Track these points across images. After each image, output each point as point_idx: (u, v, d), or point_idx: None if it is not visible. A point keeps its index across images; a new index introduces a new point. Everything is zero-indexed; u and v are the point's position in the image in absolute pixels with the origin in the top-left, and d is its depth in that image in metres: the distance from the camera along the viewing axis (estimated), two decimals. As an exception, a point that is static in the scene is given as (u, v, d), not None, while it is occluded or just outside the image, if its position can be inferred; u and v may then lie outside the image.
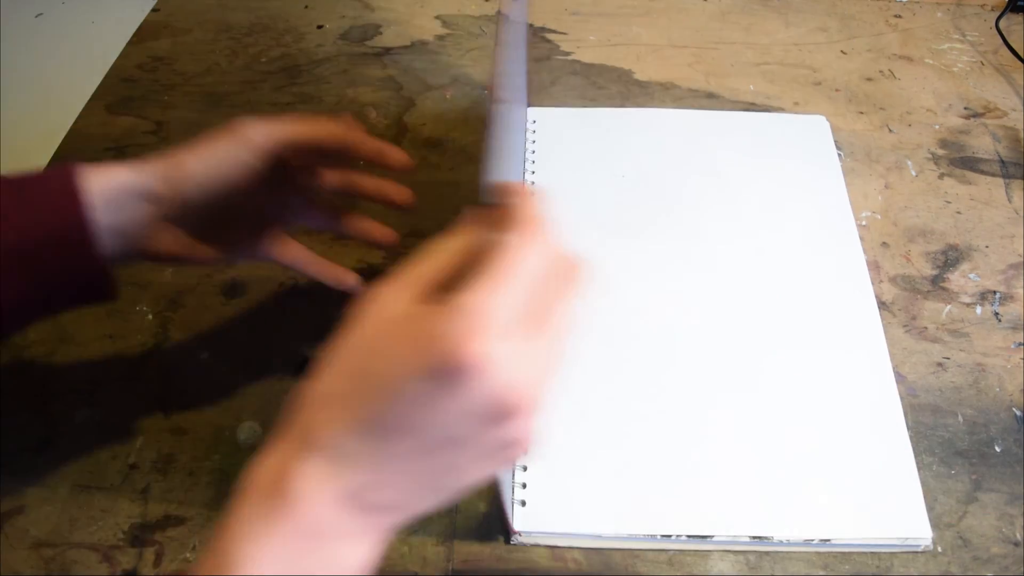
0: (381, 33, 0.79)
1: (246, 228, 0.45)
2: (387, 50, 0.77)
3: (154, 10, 0.82)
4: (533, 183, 0.65)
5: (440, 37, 0.79)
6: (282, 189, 0.44)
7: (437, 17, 0.81)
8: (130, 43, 0.79)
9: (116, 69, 0.76)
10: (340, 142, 0.43)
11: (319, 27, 0.80)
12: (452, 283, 0.26)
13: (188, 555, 0.48)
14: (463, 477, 0.28)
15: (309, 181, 0.46)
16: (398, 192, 0.46)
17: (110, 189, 0.39)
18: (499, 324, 0.25)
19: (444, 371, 0.24)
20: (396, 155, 0.44)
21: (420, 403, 0.25)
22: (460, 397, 0.25)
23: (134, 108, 0.73)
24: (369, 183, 0.47)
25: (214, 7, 0.82)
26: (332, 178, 0.47)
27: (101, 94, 0.74)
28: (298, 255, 0.49)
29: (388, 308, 0.26)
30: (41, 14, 0.83)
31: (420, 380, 0.25)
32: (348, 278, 0.49)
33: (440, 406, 0.25)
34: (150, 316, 0.58)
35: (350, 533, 0.27)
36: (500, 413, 0.26)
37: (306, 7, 0.82)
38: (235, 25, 0.80)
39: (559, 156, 0.66)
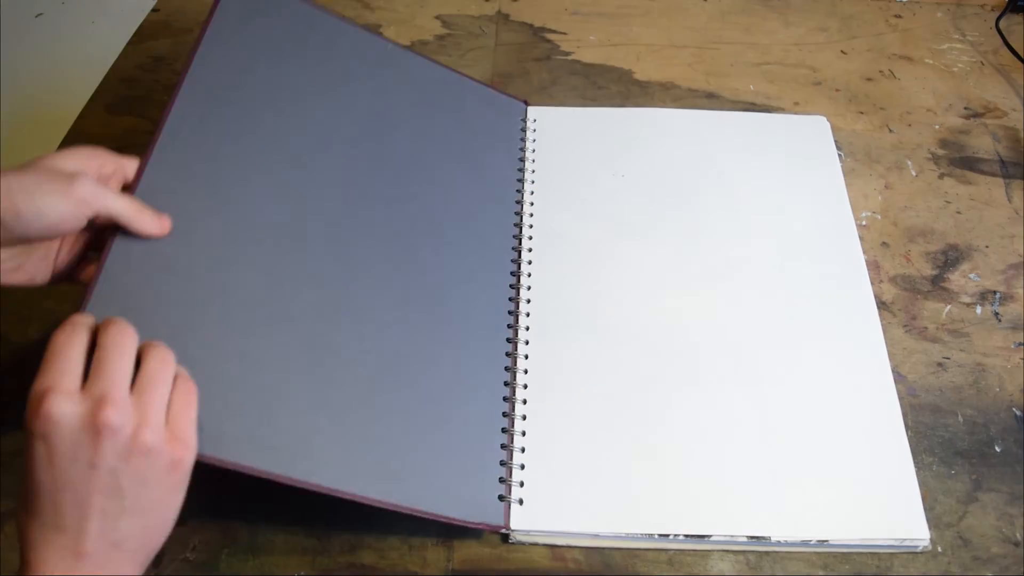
0: (381, 33, 0.79)
1: (49, 260, 0.45)
2: (387, 50, 0.77)
3: (154, 10, 0.82)
4: (533, 182, 0.65)
5: (440, 37, 0.79)
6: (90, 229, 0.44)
7: (437, 17, 0.81)
8: (130, 43, 0.79)
9: (116, 69, 0.76)
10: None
11: (319, 27, 0.80)
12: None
13: (188, 555, 0.48)
14: (138, 496, 0.36)
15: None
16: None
17: None
18: (55, 389, 0.36)
19: (33, 436, 0.35)
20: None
21: (41, 465, 0.35)
22: (53, 445, 0.35)
23: (134, 108, 0.73)
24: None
25: (214, 7, 0.82)
26: None
27: (101, 94, 0.74)
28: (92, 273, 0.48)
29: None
30: (41, 14, 0.83)
31: (30, 450, 0.36)
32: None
33: (54, 459, 0.35)
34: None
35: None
36: (89, 439, 0.35)
37: (306, 7, 0.82)
38: (235, 25, 0.80)
39: (558, 156, 0.66)
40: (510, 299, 0.58)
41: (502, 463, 0.50)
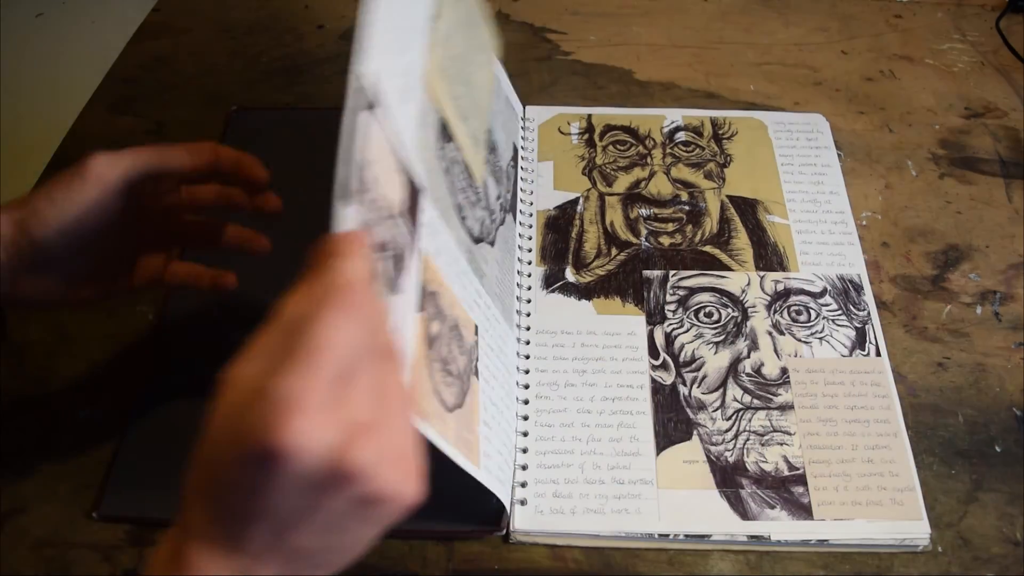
0: (381, 33, 0.79)
1: (120, 261, 0.45)
2: (387, 50, 0.77)
3: (154, 10, 0.82)
4: (533, 182, 0.65)
5: (440, 37, 0.79)
6: (146, 217, 0.44)
7: (437, 17, 0.81)
8: (130, 43, 0.79)
9: (116, 69, 0.76)
10: (192, 161, 0.43)
11: (319, 27, 0.80)
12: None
13: (188, 555, 0.48)
14: (336, 545, 0.30)
15: (174, 203, 0.46)
16: (267, 200, 0.46)
17: None
18: (306, 406, 0.25)
19: (261, 459, 0.25)
20: (254, 167, 0.45)
21: (253, 490, 0.27)
22: (285, 478, 0.26)
23: (134, 108, 0.73)
24: (239, 194, 0.46)
25: (214, 7, 0.82)
26: (204, 195, 0.47)
27: (101, 94, 0.74)
28: (186, 273, 0.48)
29: (234, 391, 0.27)
30: (41, 14, 0.83)
31: (244, 469, 0.26)
32: (229, 279, 0.49)
33: (272, 489, 0.26)
34: (150, 316, 0.58)
35: None
36: (331, 482, 0.27)
37: (306, 7, 0.82)
38: (235, 25, 0.80)
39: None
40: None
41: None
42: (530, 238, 0.61)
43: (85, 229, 0.40)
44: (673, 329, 0.56)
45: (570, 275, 0.59)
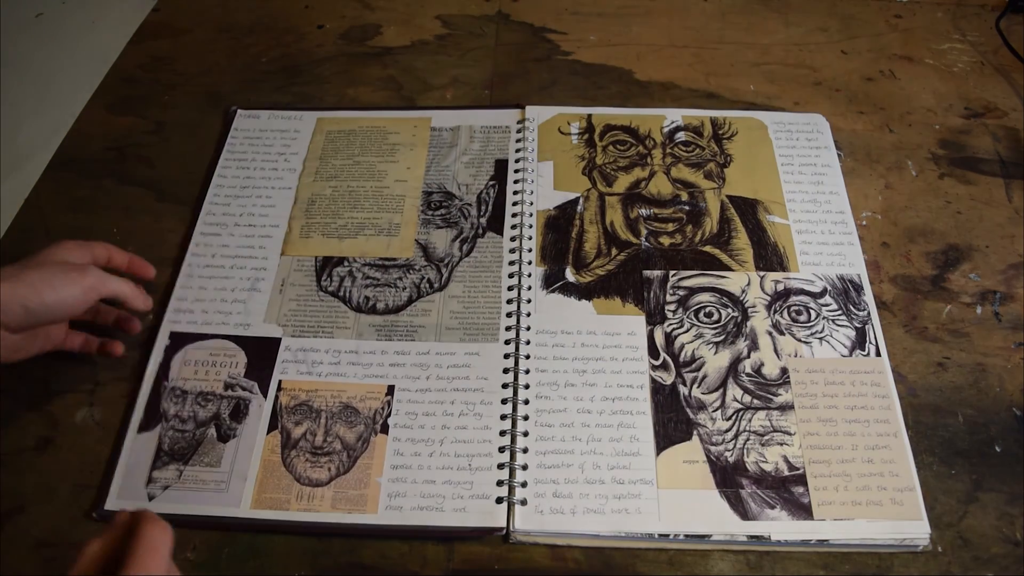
0: (381, 33, 0.79)
1: (54, 331, 0.54)
2: (387, 50, 0.77)
3: (154, 10, 0.82)
4: (534, 182, 0.65)
5: (440, 37, 0.79)
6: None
7: (437, 17, 0.81)
8: (130, 43, 0.79)
9: (116, 69, 0.76)
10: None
11: (319, 27, 0.80)
12: None
13: (189, 555, 0.48)
14: None
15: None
16: (144, 267, 0.57)
17: None
18: None
19: None
20: (145, 268, 0.57)
21: None
22: None
23: (134, 108, 0.73)
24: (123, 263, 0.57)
25: (214, 7, 0.82)
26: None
27: (101, 94, 0.74)
28: (81, 342, 0.56)
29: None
30: (41, 14, 0.83)
31: None
32: (116, 347, 0.56)
33: None
34: (150, 316, 0.58)
35: None
36: None
37: (306, 7, 0.82)
38: (235, 25, 0.80)
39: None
40: (509, 301, 0.58)
41: (501, 466, 0.50)
42: (530, 238, 0.61)
43: (59, 318, 0.50)
44: (673, 329, 0.56)
45: (570, 275, 0.59)
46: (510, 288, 0.59)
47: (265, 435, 0.52)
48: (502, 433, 0.52)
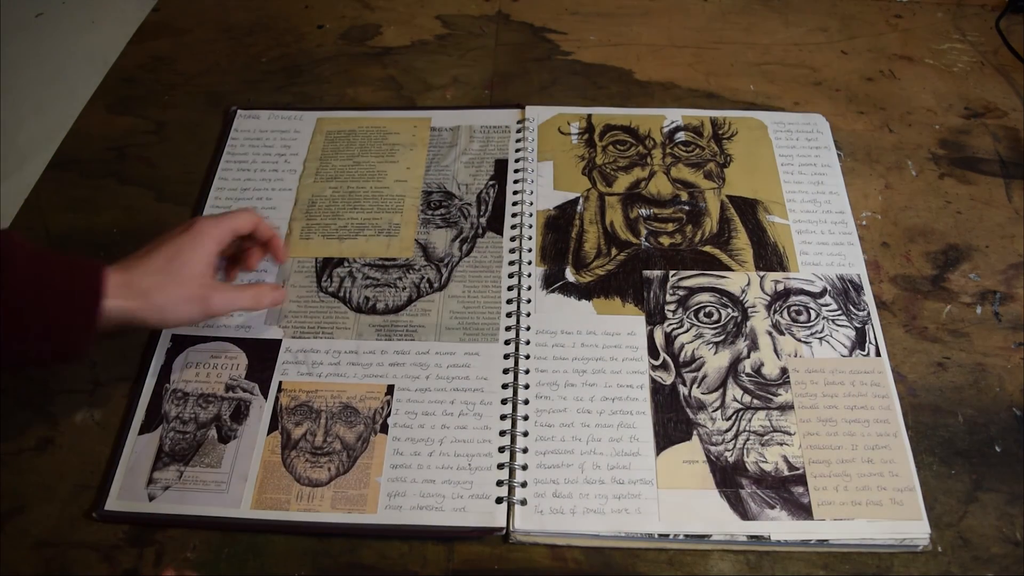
0: (381, 33, 0.79)
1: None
2: (387, 50, 0.77)
3: (154, 10, 0.82)
4: (533, 182, 0.65)
5: (440, 37, 0.79)
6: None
7: (437, 17, 0.81)
8: (130, 43, 0.79)
9: (116, 69, 0.76)
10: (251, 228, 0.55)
11: (319, 27, 0.80)
12: None
13: (188, 555, 0.48)
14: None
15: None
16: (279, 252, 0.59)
17: (111, 316, 0.46)
18: None
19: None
20: (279, 252, 0.58)
21: None
22: None
23: (134, 108, 0.73)
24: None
25: (214, 7, 0.82)
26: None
27: (101, 94, 0.74)
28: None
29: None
30: (41, 14, 0.83)
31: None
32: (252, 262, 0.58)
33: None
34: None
35: None
36: None
37: (306, 7, 0.82)
38: (235, 25, 0.80)
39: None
40: (508, 301, 0.58)
41: (501, 465, 0.50)
42: (530, 238, 0.61)
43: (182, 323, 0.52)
44: (673, 329, 0.56)
45: (570, 275, 0.59)
46: (510, 288, 0.59)
47: (265, 436, 0.52)
48: (502, 433, 0.52)
